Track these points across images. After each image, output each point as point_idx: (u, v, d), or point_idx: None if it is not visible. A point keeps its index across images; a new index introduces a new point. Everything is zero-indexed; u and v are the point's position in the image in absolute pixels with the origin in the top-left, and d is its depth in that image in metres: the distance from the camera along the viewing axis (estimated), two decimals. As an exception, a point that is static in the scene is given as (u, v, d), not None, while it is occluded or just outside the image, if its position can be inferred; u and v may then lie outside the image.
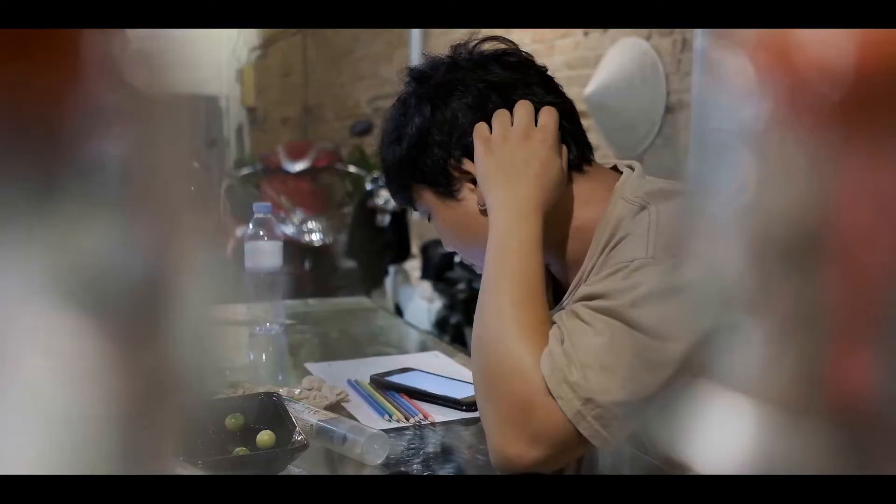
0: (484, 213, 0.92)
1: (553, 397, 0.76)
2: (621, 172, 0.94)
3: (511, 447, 0.79)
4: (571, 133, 0.94)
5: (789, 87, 0.16)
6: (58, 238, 0.14)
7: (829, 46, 0.16)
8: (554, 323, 0.82)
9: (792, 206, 0.17)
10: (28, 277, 0.14)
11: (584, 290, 0.82)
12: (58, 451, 0.15)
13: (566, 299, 0.91)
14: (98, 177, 0.15)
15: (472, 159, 0.92)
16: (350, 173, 4.54)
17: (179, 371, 0.17)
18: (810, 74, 0.16)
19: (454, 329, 3.48)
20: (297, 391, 1.10)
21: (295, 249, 3.87)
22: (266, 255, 1.47)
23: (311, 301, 2.06)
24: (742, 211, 0.18)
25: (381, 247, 3.98)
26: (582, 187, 0.93)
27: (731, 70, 0.17)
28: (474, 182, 0.93)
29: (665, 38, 3.32)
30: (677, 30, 3.23)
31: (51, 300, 0.14)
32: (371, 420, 1.04)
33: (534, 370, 0.78)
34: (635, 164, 0.95)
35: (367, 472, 0.89)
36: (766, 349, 0.18)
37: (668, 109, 3.31)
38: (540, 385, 0.77)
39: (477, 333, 0.85)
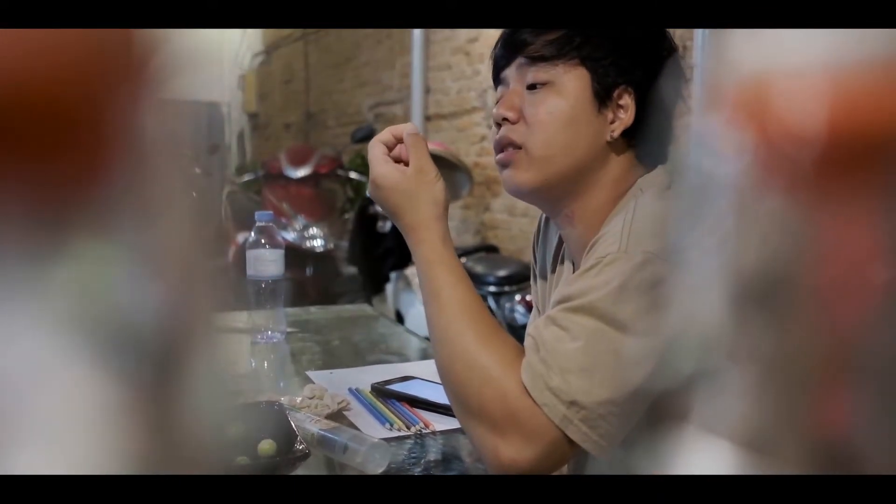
0: (609, 142, 0.90)
1: (538, 405, 0.76)
2: None
3: (504, 451, 0.78)
4: (649, 125, 0.92)
5: (765, 148, 0.17)
6: (69, 266, 0.14)
7: (802, 113, 0.16)
8: (531, 335, 0.82)
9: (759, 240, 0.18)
10: (40, 303, 0.14)
11: (561, 291, 0.82)
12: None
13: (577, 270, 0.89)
14: (113, 193, 0.15)
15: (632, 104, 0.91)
16: (351, 179, 4.54)
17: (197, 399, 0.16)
18: (783, 138, 0.17)
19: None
20: (298, 399, 1.10)
21: (296, 255, 3.87)
22: (268, 263, 1.47)
23: (312, 309, 2.06)
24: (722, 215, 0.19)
25: (382, 253, 3.98)
26: (634, 180, 0.91)
27: (715, 131, 0.18)
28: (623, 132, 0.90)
29: (666, 45, 3.32)
30: (677, 35, 3.23)
31: (64, 332, 0.14)
32: (372, 429, 1.04)
33: (502, 375, 0.79)
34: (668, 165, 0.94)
35: (368, 481, 0.89)
36: (736, 388, 0.18)
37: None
38: (513, 386, 0.78)
39: (437, 359, 0.86)
